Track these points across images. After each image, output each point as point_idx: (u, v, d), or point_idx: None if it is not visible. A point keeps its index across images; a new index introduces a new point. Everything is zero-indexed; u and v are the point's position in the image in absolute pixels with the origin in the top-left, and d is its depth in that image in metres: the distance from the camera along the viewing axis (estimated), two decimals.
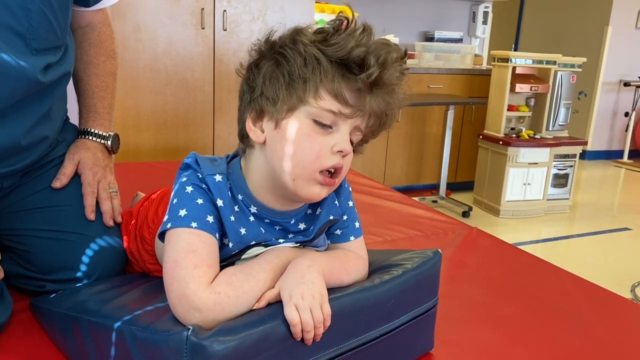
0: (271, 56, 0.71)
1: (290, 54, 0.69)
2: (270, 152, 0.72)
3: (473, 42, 4.71)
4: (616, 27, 5.53)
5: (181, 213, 0.69)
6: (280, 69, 0.70)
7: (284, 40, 0.71)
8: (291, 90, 0.69)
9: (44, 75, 0.89)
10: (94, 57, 1.08)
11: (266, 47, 0.72)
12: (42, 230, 0.96)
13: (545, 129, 3.78)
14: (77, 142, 1.06)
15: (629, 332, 1.02)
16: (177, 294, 0.65)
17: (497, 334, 0.96)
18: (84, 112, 1.09)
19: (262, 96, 0.71)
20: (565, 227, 3.65)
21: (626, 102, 5.79)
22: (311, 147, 0.69)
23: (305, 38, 0.70)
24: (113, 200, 1.03)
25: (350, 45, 0.67)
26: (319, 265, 0.70)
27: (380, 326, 0.75)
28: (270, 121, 0.72)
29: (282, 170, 0.71)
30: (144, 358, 0.63)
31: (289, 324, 0.63)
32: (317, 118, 0.69)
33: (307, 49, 0.68)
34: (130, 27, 2.66)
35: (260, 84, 0.71)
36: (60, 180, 1.00)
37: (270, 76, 0.70)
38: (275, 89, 0.70)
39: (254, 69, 0.73)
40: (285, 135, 0.70)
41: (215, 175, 0.73)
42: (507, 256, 1.38)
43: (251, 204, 0.75)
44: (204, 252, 0.68)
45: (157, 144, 2.82)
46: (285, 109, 0.70)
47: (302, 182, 0.71)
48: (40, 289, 0.95)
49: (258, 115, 0.73)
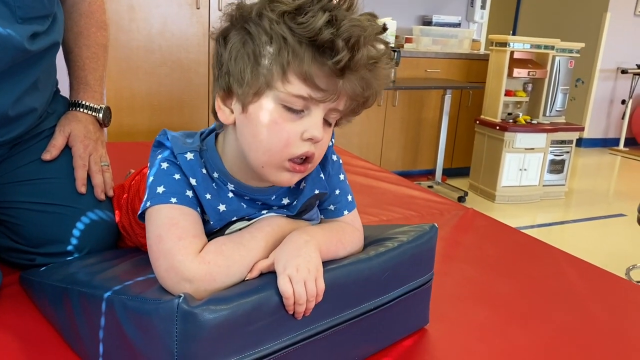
0: (239, 29, 0.65)
1: (255, 30, 0.62)
2: (240, 135, 0.68)
3: (471, 26, 4.68)
4: (615, 13, 5.51)
5: (159, 190, 0.67)
6: (246, 47, 0.63)
7: (251, 13, 0.63)
8: (256, 73, 0.63)
9: (31, 44, 0.87)
10: (84, 28, 1.06)
11: (237, 15, 0.65)
12: (32, 203, 0.95)
13: (542, 114, 3.77)
14: (68, 114, 1.04)
15: (623, 310, 1.01)
16: (165, 267, 0.63)
17: (492, 311, 0.96)
18: (74, 83, 1.07)
19: (229, 74, 0.65)
20: (560, 213, 3.65)
21: (623, 89, 5.78)
22: (279, 135, 0.64)
23: (273, 12, 0.62)
24: (104, 173, 1.02)
25: (319, 25, 0.59)
26: (317, 241, 0.69)
27: (374, 298, 0.74)
28: (237, 103, 0.67)
29: (250, 156, 0.68)
30: (134, 327, 0.62)
31: (282, 295, 0.62)
32: (286, 103, 0.63)
33: (272, 25, 0.61)
34: (125, 6, 2.62)
35: (227, 60, 0.65)
36: (50, 153, 0.98)
37: (237, 54, 0.64)
38: (241, 69, 0.63)
39: (222, 41, 0.66)
40: (252, 121, 0.65)
41: (186, 153, 0.70)
42: (502, 236, 1.37)
43: (227, 181, 0.72)
44: (186, 223, 0.66)
45: (152, 126, 2.79)
46: (251, 92, 0.64)
47: (270, 169, 0.67)
48: (30, 263, 0.94)
49: (226, 94, 0.68)
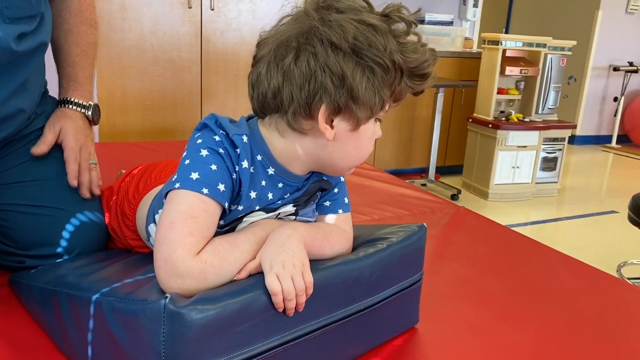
0: (359, 57, 0.66)
1: (388, 64, 0.68)
2: (338, 149, 0.72)
3: (464, 25, 4.68)
4: (606, 11, 5.53)
5: (193, 176, 0.66)
6: (376, 77, 0.68)
7: (373, 44, 0.66)
8: (380, 99, 0.69)
9: (17, 44, 0.87)
10: (74, 26, 1.05)
11: (347, 42, 0.66)
12: (21, 205, 0.94)
13: (535, 112, 3.78)
14: (57, 111, 1.03)
15: (613, 308, 1.02)
16: (164, 256, 0.63)
17: (482, 310, 0.96)
18: (64, 81, 1.06)
19: (351, 97, 0.67)
20: (553, 210, 3.67)
21: (615, 87, 5.81)
22: (371, 143, 0.75)
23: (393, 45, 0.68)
24: (92, 172, 1.01)
25: (423, 59, 0.70)
26: (300, 234, 0.69)
27: (364, 299, 0.74)
28: (347, 122, 0.70)
29: (343, 163, 0.75)
30: (122, 329, 0.62)
31: (270, 293, 0.62)
32: (378, 117, 0.74)
33: (398, 59, 0.68)
34: (116, 5, 2.61)
35: (351, 83, 0.66)
36: (40, 148, 0.97)
37: (365, 80, 0.67)
38: (369, 95, 0.68)
39: (336, 60, 0.66)
40: (360, 137, 0.72)
41: (242, 135, 0.70)
42: (493, 234, 1.38)
43: (270, 165, 0.73)
44: (203, 221, 0.66)
45: (144, 125, 2.78)
46: (369, 115, 0.71)
47: (352, 168, 0.78)
48: (19, 265, 0.94)
49: (335, 112, 0.69)
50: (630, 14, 5.70)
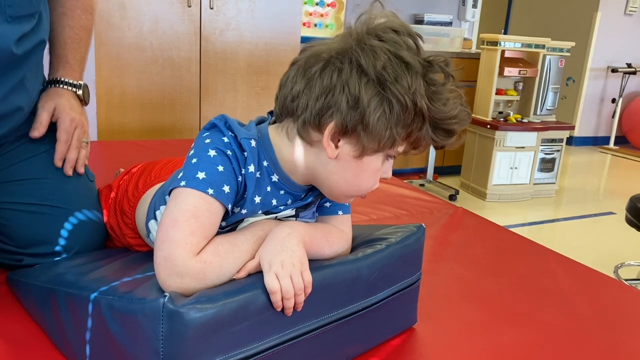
0: (382, 87, 0.66)
1: (407, 104, 0.66)
2: (338, 171, 0.71)
3: (463, 25, 4.69)
4: (605, 12, 5.54)
5: (199, 175, 0.67)
6: (392, 111, 0.66)
7: (399, 79, 0.66)
8: (392, 135, 0.68)
9: (17, 47, 0.86)
10: (69, 9, 1.04)
11: (375, 69, 0.66)
12: (20, 204, 0.94)
13: (533, 113, 3.79)
14: (49, 90, 1.02)
15: (610, 308, 1.02)
16: (165, 254, 0.63)
17: (480, 310, 0.96)
18: (54, 61, 1.05)
19: (361, 123, 0.67)
20: (551, 211, 3.67)
21: (613, 88, 5.82)
22: (375, 179, 0.74)
23: (419, 87, 0.67)
24: (82, 150, 1.00)
25: (450, 115, 0.69)
26: (299, 233, 0.69)
27: (362, 299, 0.74)
28: (353, 147, 0.69)
29: (339, 188, 0.74)
30: (120, 327, 0.62)
31: (269, 292, 0.62)
32: (389, 155, 0.72)
33: (421, 103, 0.67)
34: (116, 4, 2.60)
35: (364, 110, 0.66)
36: (38, 130, 0.96)
37: (381, 112, 0.66)
38: (380, 127, 0.67)
39: (358, 82, 0.66)
40: (363, 168, 0.71)
41: (250, 139, 0.70)
42: (491, 235, 1.38)
43: (275, 172, 0.73)
44: (206, 221, 0.66)
45: (143, 124, 2.78)
46: (375, 148, 0.69)
47: (349, 197, 0.77)
48: (17, 263, 0.94)
49: (342, 132, 0.68)
50: (629, 15, 5.71)
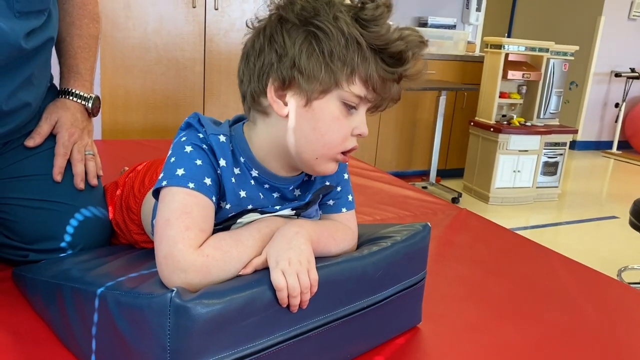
0: (304, 25, 0.66)
1: (332, 30, 0.65)
2: (295, 128, 0.70)
3: (466, 28, 4.69)
4: (609, 17, 5.54)
5: (178, 172, 0.67)
6: (320, 45, 0.65)
7: (319, 12, 0.66)
8: (329, 71, 0.66)
9: (26, 42, 0.87)
10: (76, 19, 1.05)
11: (293, 12, 0.67)
12: (26, 199, 0.94)
13: (537, 116, 3.78)
14: (57, 101, 1.03)
15: (614, 310, 1.02)
16: (165, 253, 0.63)
17: (484, 310, 0.96)
18: (65, 72, 1.06)
19: (294, 68, 0.66)
20: (553, 215, 3.67)
21: (617, 93, 5.81)
22: (339, 131, 0.70)
23: (343, 15, 0.65)
24: (89, 162, 1.01)
25: (392, 37, 0.66)
26: (307, 232, 0.69)
27: (367, 297, 0.74)
28: (299, 97, 0.68)
29: (306, 148, 0.71)
30: (127, 323, 0.62)
31: (275, 288, 0.62)
32: (346, 101, 0.69)
33: (350, 29, 0.65)
34: (121, 4, 2.61)
35: (293, 53, 0.66)
36: (34, 139, 0.97)
37: (307, 49, 0.66)
38: (313, 66, 0.66)
39: (280, 31, 0.67)
40: (316, 116, 0.68)
41: (219, 135, 0.71)
42: (495, 236, 1.38)
43: (253, 167, 0.74)
44: (198, 215, 0.66)
45: (147, 124, 2.79)
46: (319, 89, 0.67)
47: (323, 160, 0.72)
48: (23, 259, 0.94)
49: (283, 85, 0.68)
50: (632, 20, 5.71)
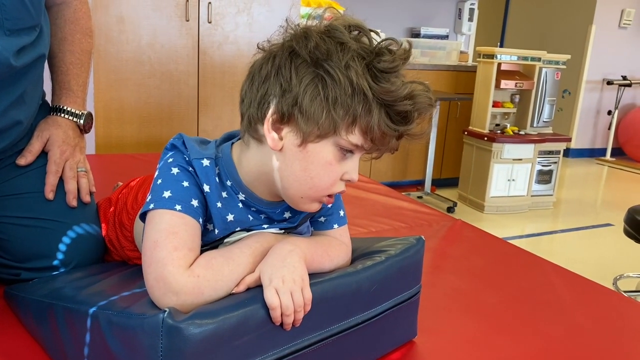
0: (314, 65, 0.65)
1: (341, 78, 0.63)
2: (285, 165, 0.69)
3: (459, 38, 4.72)
4: (600, 26, 5.59)
5: (165, 194, 0.67)
6: (325, 90, 0.64)
7: (332, 56, 0.64)
8: (330, 118, 0.64)
9: (16, 59, 0.87)
10: (69, 34, 1.05)
11: (306, 48, 0.65)
12: (18, 218, 0.94)
13: (530, 125, 3.80)
14: (48, 118, 1.02)
15: (609, 320, 1.02)
16: (155, 276, 0.63)
17: (480, 322, 0.96)
18: (57, 88, 1.05)
19: (296, 106, 0.65)
20: (549, 223, 3.67)
21: (609, 100, 5.85)
22: (329, 176, 0.69)
23: (355, 65, 0.64)
24: (81, 179, 1.00)
25: (401, 95, 0.65)
26: (301, 250, 0.69)
27: (362, 312, 0.74)
28: (295, 135, 0.67)
29: (292, 186, 0.69)
30: (119, 343, 0.61)
31: (269, 307, 0.62)
32: (341, 146, 0.67)
33: (359, 80, 0.63)
34: (114, 18, 2.62)
35: (297, 91, 0.65)
36: (25, 158, 0.96)
37: (312, 91, 0.64)
38: (315, 109, 0.64)
39: (289, 66, 0.66)
40: (308, 158, 0.67)
41: (202, 159, 0.70)
42: (490, 247, 1.38)
43: (240, 191, 0.73)
44: (185, 234, 0.66)
45: (141, 138, 2.78)
46: (316, 133, 0.65)
47: (307, 200, 0.71)
48: (15, 278, 0.93)
49: (281, 120, 0.67)
50: (623, 28, 5.76)
